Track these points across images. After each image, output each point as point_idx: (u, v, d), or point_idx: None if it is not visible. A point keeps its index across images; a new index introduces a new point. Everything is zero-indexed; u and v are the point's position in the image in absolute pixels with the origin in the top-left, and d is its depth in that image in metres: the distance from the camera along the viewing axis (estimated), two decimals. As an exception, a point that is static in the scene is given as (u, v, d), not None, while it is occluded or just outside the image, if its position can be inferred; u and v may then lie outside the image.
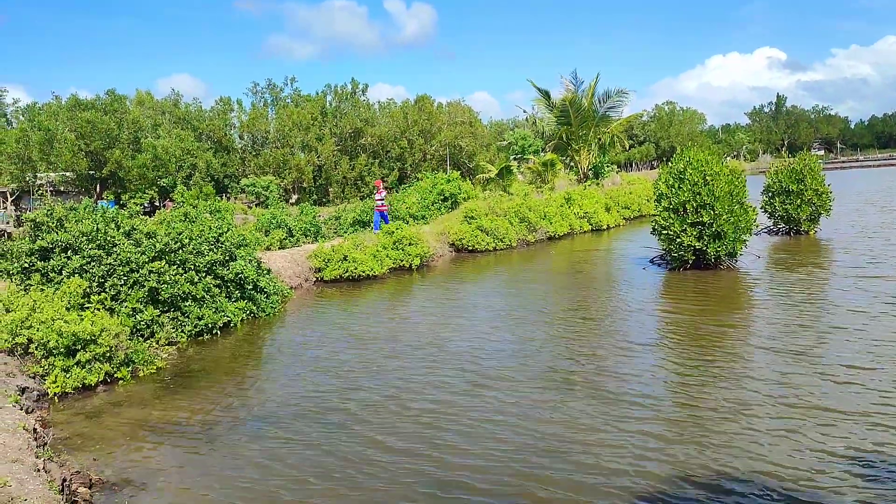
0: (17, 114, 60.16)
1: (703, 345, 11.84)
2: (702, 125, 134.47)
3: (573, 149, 45.52)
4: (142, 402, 10.39)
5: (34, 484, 6.10)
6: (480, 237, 27.13)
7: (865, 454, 7.28)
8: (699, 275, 19.01)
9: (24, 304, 11.85)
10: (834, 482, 6.75)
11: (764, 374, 10.09)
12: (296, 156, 58.23)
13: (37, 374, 10.82)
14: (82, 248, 13.79)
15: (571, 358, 11.61)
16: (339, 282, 21.01)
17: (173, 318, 14.05)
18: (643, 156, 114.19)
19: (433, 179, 35.11)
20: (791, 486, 6.70)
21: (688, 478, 7.02)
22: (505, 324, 14.48)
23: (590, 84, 44.01)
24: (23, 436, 7.42)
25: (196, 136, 57.82)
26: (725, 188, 18.92)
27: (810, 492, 6.60)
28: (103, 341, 11.12)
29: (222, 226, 16.48)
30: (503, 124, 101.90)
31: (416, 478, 7.38)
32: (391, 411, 9.48)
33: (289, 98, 65.49)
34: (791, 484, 6.75)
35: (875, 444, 7.48)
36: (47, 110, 52.46)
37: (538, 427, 8.60)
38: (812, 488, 6.65)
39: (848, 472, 6.92)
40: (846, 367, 10.05)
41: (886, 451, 7.29)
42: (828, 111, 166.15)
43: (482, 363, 11.50)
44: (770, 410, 8.66)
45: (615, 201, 37.95)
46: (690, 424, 8.38)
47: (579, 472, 7.30)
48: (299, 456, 8.11)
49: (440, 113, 68.06)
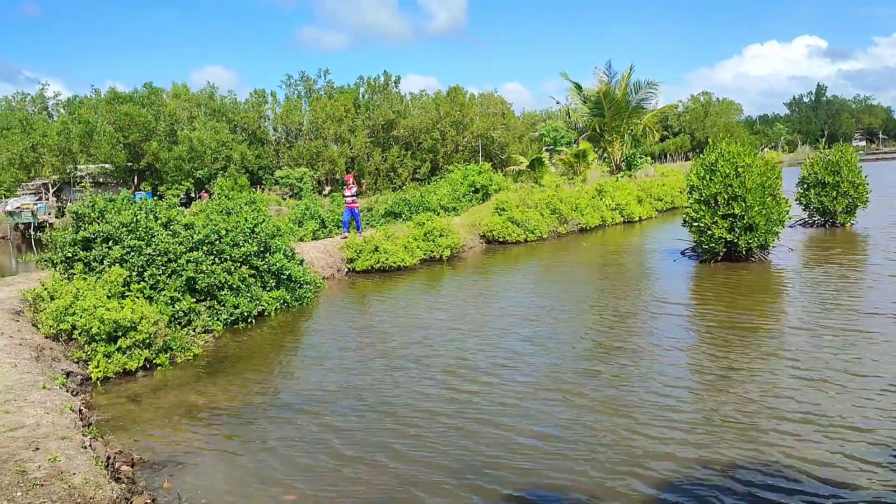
0: (58, 107, 61.55)
1: (730, 339, 11.86)
2: (738, 116, 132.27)
3: (606, 140, 45.31)
4: (180, 388, 10.76)
5: (81, 459, 6.44)
6: (511, 229, 27.24)
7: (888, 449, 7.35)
8: (730, 267, 18.92)
9: (68, 293, 12.30)
10: (856, 476, 6.85)
11: (791, 370, 10.09)
12: (329, 148, 58.68)
13: (80, 359, 11.27)
14: (122, 238, 14.23)
15: (600, 350, 11.75)
16: (371, 273, 21.31)
17: (210, 307, 14.46)
18: (678, 147, 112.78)
19: (464, 171, 35.25)
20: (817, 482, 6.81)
21: (710, 466, 7.14)
22: (535, 315, 14.62)
23: (623, 75, 43.74)
24: (70, 416, 7.80)
25: (231, 128, 58.60)
26: (757, 180, 18.79)
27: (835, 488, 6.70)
28: (143, 328, 11.52)
29: (258, 217, 16.86)
30: (536, 115, 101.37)
31: (451, 463, 7.59)
32: (424, 398, 9.70)
33: (322, 90, 65.97)
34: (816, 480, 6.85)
35: None
36: (87, 103, 53.63)
37: (583, 409, 8.78)
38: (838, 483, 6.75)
39: (872, 464, 7.01)
40: (871, 366, 10.02)
41: None
42: (870, 101, 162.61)
43: (513, 354, 11.67)
44: (796, 406, 8.71)
45: (648, 193, 37.73)
46: (717, 416, 8.49)
47: (604, 457, 7.48)
48: (338, 440, 8.36)
49: (472, 104, 67.97)
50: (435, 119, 63.24)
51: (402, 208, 28.99)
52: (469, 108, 66.12)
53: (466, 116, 64.54)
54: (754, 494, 6.55)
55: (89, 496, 5.75)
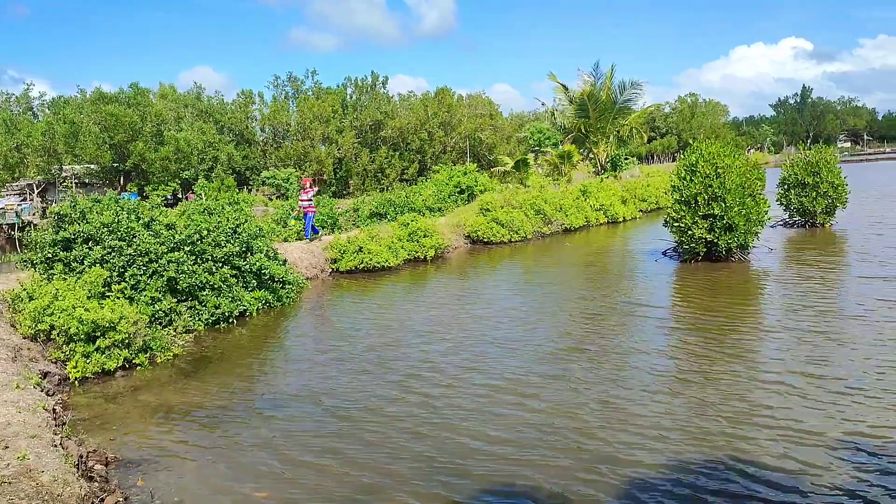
0: (43, 107, 61.23)
1: (697, 341, 11.96)
2: (725, 117, 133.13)
3: (591, 141, 45.52)
4: (159, 387, 10.80)
5: (51, 458, 6.49)
6: (496, 229, 27.35)
7: (858, 441, 7.50)
8: (710, 267, 19.10)
9: (47, 293, 12.30)
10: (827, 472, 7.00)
11: (752, 373, 10.18)
12: (316, 148, 58.76)
13: (58, 359, 11.28)
14: (103, 238, 14.23)
15: (566, 352, 11.82)
16: (355, 273, 21.36)
17: (191, 307, 14.49)
18: (665, 148, 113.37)
19: (450, 172, 35.34)
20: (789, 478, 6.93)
21: (659, 470, 7.26)
22: (510, 317, 14.71)
23: (606, 76, 43.98)
24: (42, 415, 7.83)
25: (218, 128, 58.57)
26: (737, 180, 18.99)
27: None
28: (122, 328, 11.54)
29: (240, 217, 16.89)
30: (524, 116, 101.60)
31: (421, 459, 7.70)
32: (401, 398, 9.79)
33: (310, 91, 65.99)
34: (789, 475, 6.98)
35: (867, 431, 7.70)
36: (72, 103, 53.42)
37: (541, 412, 8.89)
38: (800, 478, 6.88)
39: (840, 460, 7.16)
40: (832, 369, 10.08)
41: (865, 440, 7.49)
42: (855, 102, 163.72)
43: (479, 357, 11.77)
44: (747, 409, 8.80)
45: (632, 194, 37.93)
46: (669, 420, 8.62)
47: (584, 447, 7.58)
48: (312, 439, 8.45)
49: (460, 105, 68.21)
50: (423, 120, 63.42)
51: (387, 209, 29.05)
52: (457, 109, 66.35)
53: (454, 117, 64.78)
54: (702, 499, 6.59)
55: (57, 493, 5.81)
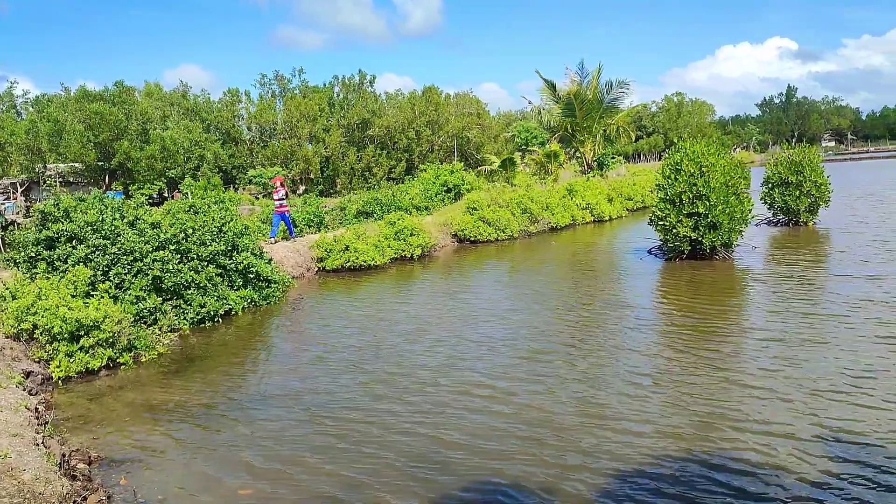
0: (27, 105, 60.72)
1: (675, 341, 12.05)
2: (711, 116, 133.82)
3: (578, 140, 45.68)
4: (143, 386, 10.77)
5: (33, 456, 6.48)
6: (482, 228, 27.42)
7: (832, 432, 7.61)
8: (694, 265, 19.24)
9: (30, 292, 12.23)
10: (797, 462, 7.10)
11: (749, 363, 10.36)
12: (303, 147, 58.64)
13: (41, 358, 11.23)
14: (87, 237, 14.17)
15: (543, 353, 11.86)
16: (341, 272, 21.36)
17: (176, 306, 14.45)
18: (651, 147, 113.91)
19: (436, 170, 35.37)
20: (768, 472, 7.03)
21: (617, 472, 7.34)
22: (492, 316, 14.76)
23: (593, 75, 44.15)
24: (24, 414, 7.80)
25: (204, 127, 58.33)
26: (721, 179, 19.13)
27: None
28: (106, 327, 11.50)
29: (226, 216, 16.85)
30: (511, 115, 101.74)
31: (403, 457, 7.74)
32: (385, 395, 9.82)
33: (297, 89, 65.83)
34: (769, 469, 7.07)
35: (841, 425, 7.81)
36: (56, 101, 53.00)
37: (526, 409, 8.94)
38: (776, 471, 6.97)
39: (810, 452, 7.26)
40: (804, 371, 10.10)
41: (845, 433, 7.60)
42: (839, 102, 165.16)
43: (473, 351, 11.84)
44: (716, 410, 8.91)
45: (618, 192, 38.12)
46: (698, 397, 8.79)
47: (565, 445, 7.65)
48: (295, 437, 8.47)
49: (447, 104, 68.25)
50: (410, 118, 63.43)
51: (373, 207, 29.04)
52: (444, 107, 66.40)
53: (442, 116, 64.84)
54: (676, 495, 6.64)
55: (38, 492, 5.80)
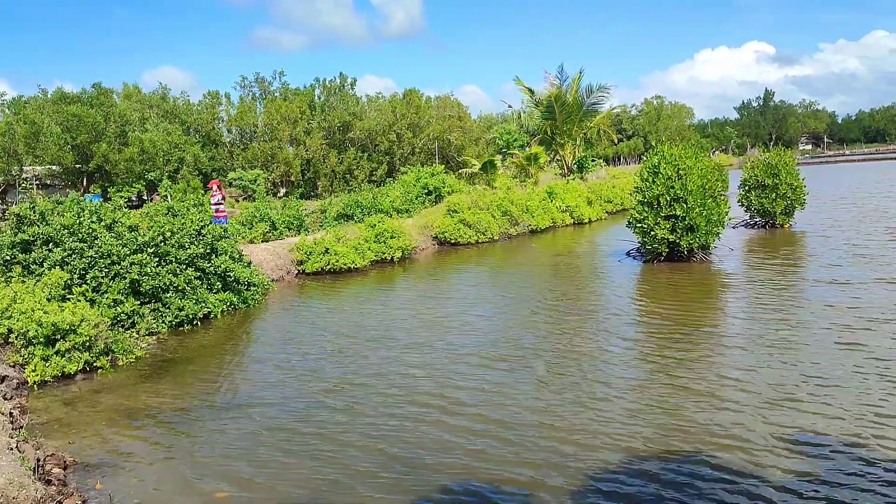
0: (3, 107, 59.95)
1: (659, 339, 12.24)
2: (690, 119, 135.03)
3: (558, 143, 45.92)
4: (120, 390, 10.72)
5: (6, 461, 6.44)
6: (463, 230, 27.50)
7: (808, 434, 7.73)
8: (672, 268, 19.43)
9: (5, 296, 12.12)
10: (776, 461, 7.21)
11: (710, 370, 10.42)
12: (284, 150, 58.34)
13: (17, 363, 11.14)
14: (64, 240, 14.07)
15: (532, 350, 12.00)
16: (321, 274, 21.34)
17: (154, 310, 14.39)
18: (631, 150, 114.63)
19: (417, 173, 35.41)
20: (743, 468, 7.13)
21: (654, 447, 7.43)
22: (477, 316, 14.86)
23: (573, 79, 44.43)
24: (-1, 419, 7.75)
25: (184, 129, 57.87)
26: (698, 182, 19.35)
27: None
28: (83, 331, 11.42)
29: (204, 219, 16.78)
30: (493, 118, 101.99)
31: (379, 460, 7.78)
32: (364, 398, 9.85)
33: (277, 92, 65.50)
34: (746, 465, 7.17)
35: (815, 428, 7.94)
36: (33, 103, 52.36)
37: (510, 412, 9.01)
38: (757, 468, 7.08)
39: (789, 451, 7.37)
40: (765, 378, 10.18)
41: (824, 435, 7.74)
42: (815, 106, 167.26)
43: (456, 352, 11.89)
44: (729, 394, 9.09)
45: (598, 195, 38.37)
46: (655, 406, 8.83)
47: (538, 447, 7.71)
48: (273, 440, 8.47)
49: (428, 107, 68.19)
50: (391, 121, 63.32)
51: (354, 210, 29.02)
52: (425, 110, 66.35)
53: (423, 119, 64.77)
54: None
55: (12, 496, 5.77)
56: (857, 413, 8.24)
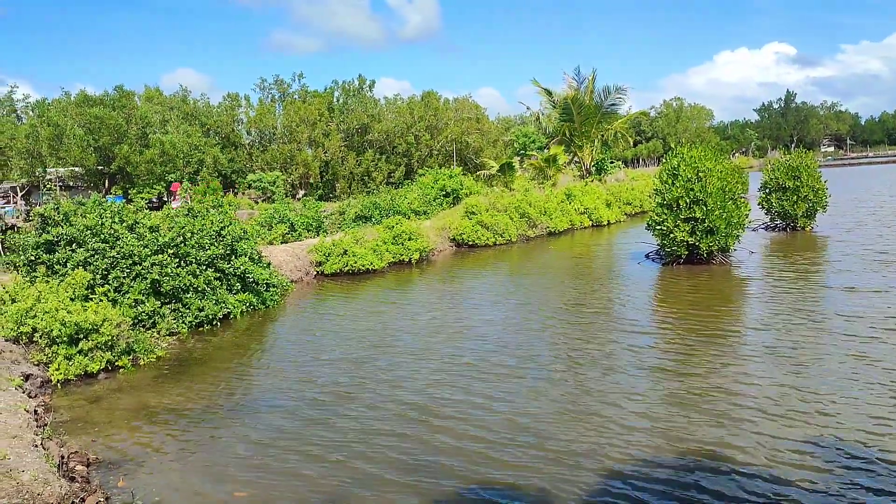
0: (27, 109, 60.77)
1: (684, 341, 12.18)
2: (710, 121, 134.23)
3: (576, 145, 45.79)
4: (142, 389, 10.83)
5: (32, 458, 6.54)
6: (481, 232, 27.51)
7: (819, 439, 7.66)
8: (692, 269, 19.31)
9: (30, 295, 12.31)
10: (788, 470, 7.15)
11: (741, 370, 10.43)
12: (303, 151, 58.70)
13: (41, 361, 11.30)
14: (86, 241, 14.25)
15: (563, 348, 11.99)
16: (339, 276, 21.43)
17: (174, 310, 14.52)
18: (650, 152, 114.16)
19: (435, 175, 35.47)
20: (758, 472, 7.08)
21: (665, 453, 7.40)
22: (494, 319, 14.87)
23: (589, 80, 44.30)
24: (23, 416, 7.86)
25: (204, 131, 58.36)
26: (717, 184, 19.21)
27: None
28: (105, 331, 11.57)
29: (224, 220, 16.92)
30: (510, 120, 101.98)
31: (397, 464, 7.82)
32: (379, 402, 9.89)
33: (296, 94, 65.88)
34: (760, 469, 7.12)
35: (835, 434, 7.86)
36: (56, 106, 53.02)
37: (524, 411, 9.01)
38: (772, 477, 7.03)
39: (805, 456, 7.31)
40: (818, 361, 10.33)
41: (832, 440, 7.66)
42: (838, 107, 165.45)
43: (479, 355, 11.92)
44: (748, 399, 9.02)
45: (616, 197, 38.23)
46: (673, 407, 8.79)
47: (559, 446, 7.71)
48: (292, 439, 8.54)
49: (447, 109, 68.33)
50: (409, 123, 63.50)
51: (372, 212, 29.13)
52: (443, 112, 66.49)
53: (441, 121, 64.92)
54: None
55: (37, 492, 5.86)
56: (870, 426, 8.08)
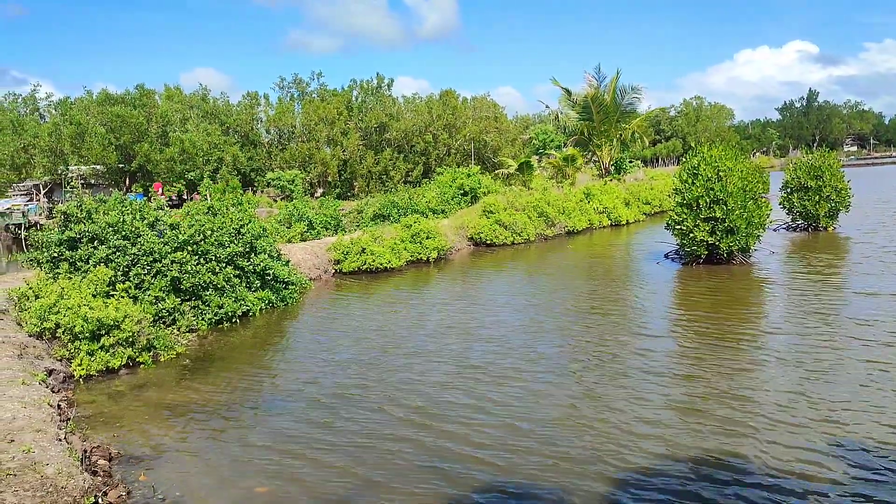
0: (50, 108, 61.53)
1: (701, 343, 12.09)
2: (730, 120, 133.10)
3: (595, 144, 45.62)
4: (162, 385, 10.93)
5: (55, 451, 6.62)
6: (498, 231, 27.48)
7: (847, 442, 7.58)
8: (711, 270, 19.16)
9: (53, 292, 12.46)
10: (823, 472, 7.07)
11: (757, 375, 10.33)
12: (321, 150, 58.90)
13: (63, 357, 11.44)
14: (108, 238, 14.40)
15: (581, 349, 11.96)
16: (358, 274, 21.49)
17: (194, 307, 14.63)
18: (669, 151, 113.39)
19: (453, 174, 35.48)
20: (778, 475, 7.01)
21: (679, 455, 7.36)
22: (511, 319, 14.84)
23: (611, 79, 44.08)
24: (47, 411, 7.96)
25: (223, 130, 58.78)
26: (738, 184, 19.05)
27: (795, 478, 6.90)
28: (126, 327, 11.68)
29: (244, 217, 17.03)
30: (529, 119, 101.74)
31: (418, 459, 7.82)
32: (402, 398, 9.91)
33: (315, 93, 66.14)
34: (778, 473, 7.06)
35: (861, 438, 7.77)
36: (79, 104, 53.65)
37: (539, 410, 8.99)
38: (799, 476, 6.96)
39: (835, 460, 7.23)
40: (833, 368, 10.18)
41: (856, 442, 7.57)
42: (861, 106, 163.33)
43: (496, 354, 11.92)
44: (760, 406, 8.94)
45: (635, 196, 38.04)
46: (691, 411, 8.72)
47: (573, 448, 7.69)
48: (310, 436, 8.58)
49: (465, 108, 68.26)
50: (427, 122, 63.50)
51: (390, 210, 29.19)
52: (461, 111, 66.40)
53: (459, 120, 64.82)
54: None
55: (61, 486, 5.93)
56: (885, 435, 7.94)
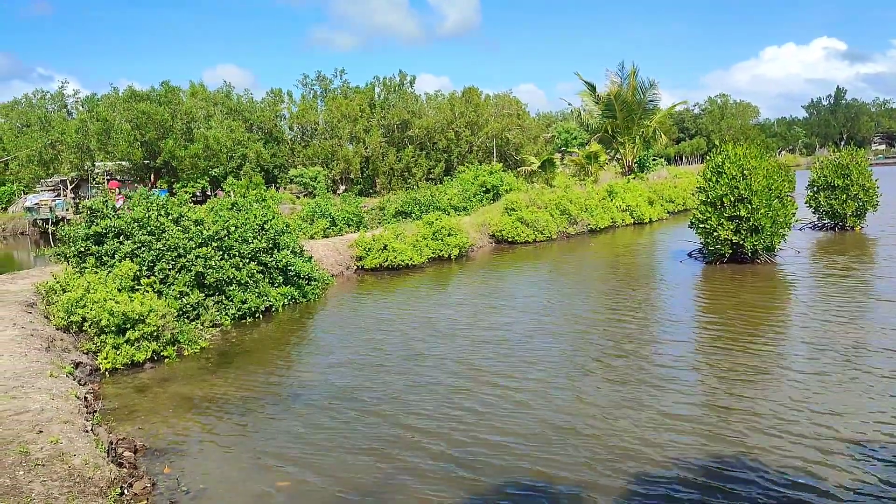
0: (77, 105, 62.38)
1: (722, 345, 11.97)
2: (755, 118, 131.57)
3: (618, 142, 45.35)
4: (186, 379, 11.05)
5: (82, 443, 6.72)
6: (520, 229, 27.41)
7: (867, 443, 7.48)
8: (735, 269, 18.98)
9: (79, 286, 12.63)
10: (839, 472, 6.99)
11: (779, 378, 10.21)
12: (344, 147, 59.12)
13: (90, 350, 11.61)
14: (134, 233, 14.57)
15: (603, 349, 11.91)
16: (379, 270, 21.56)
17: (218, 302, 14.77)
18: (693, 149, 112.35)
19: (475, 171, 35.44)
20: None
21: (673, 468, 7.31)
22: (534, 317, 14.80)
23: (629, 76, 43.80)
24: (74, 402, 8.09)
25: (247, 126, 59.20)
26: (763, 182, 18.85)
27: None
28: (151, 321, 11.82)
29: (267, 214, 17.15)
30: (551, 116, 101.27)
31: (439, 455, 7.84)
32: (422, 394, 9.94)
33: (338, 90, 66.38)
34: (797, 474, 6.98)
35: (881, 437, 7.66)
36: (105, 101, 54.31)
37: (561, 412, 8.97)
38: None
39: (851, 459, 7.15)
40: (852, 376, 10.03)
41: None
42: (890, 104, 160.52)
43: (515, 352, 11.91)
44: (772, 414, 8.84)
45: (659, 195, 37.76)
46: (714, 412, 8.66)
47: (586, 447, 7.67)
48: (333, 431, 8.63)
49: (487, 105, 68.12)
50: (449, 119, 63.44)
51: (412, 207, 29.23)
52: (484, 108, 66.27)
53: (481, 117, 64.70)
54: None
55: (88, 476, 6.02)
56: None
